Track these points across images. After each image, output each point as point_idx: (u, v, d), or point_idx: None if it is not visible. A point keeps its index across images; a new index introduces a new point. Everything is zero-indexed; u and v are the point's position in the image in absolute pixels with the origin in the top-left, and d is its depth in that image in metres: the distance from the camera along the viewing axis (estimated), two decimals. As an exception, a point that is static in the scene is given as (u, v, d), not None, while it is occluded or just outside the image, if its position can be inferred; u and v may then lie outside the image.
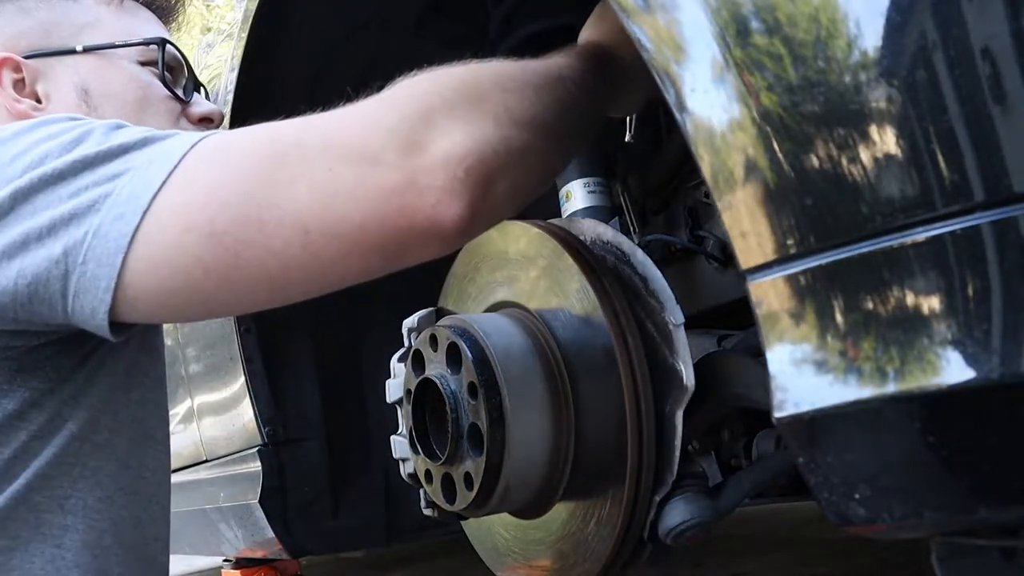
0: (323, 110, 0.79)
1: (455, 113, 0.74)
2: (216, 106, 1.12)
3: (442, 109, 0.74)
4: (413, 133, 0.72)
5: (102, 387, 0.91)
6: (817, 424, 0.60)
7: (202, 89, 1.15)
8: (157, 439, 1.00)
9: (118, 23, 1.06)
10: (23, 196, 0.76)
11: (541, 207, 1.60)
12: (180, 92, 1.08)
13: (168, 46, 1.07)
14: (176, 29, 1.18)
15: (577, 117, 0.83)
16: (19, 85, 1.00)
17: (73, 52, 1.02)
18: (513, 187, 0.76)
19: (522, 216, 1.00)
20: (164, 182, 0.74)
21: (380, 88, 0.78)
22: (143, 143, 0.78)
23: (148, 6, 1.11)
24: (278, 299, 0.79)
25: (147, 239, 0.74)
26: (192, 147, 0.76)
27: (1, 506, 0.84)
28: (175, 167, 0.75)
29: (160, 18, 1.13)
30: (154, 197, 0.74)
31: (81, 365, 0.89)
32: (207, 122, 1.09)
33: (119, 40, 1.04)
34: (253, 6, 1.33)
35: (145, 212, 0.74)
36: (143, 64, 1.06)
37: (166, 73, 1.06)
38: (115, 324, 0.78)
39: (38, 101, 1.01)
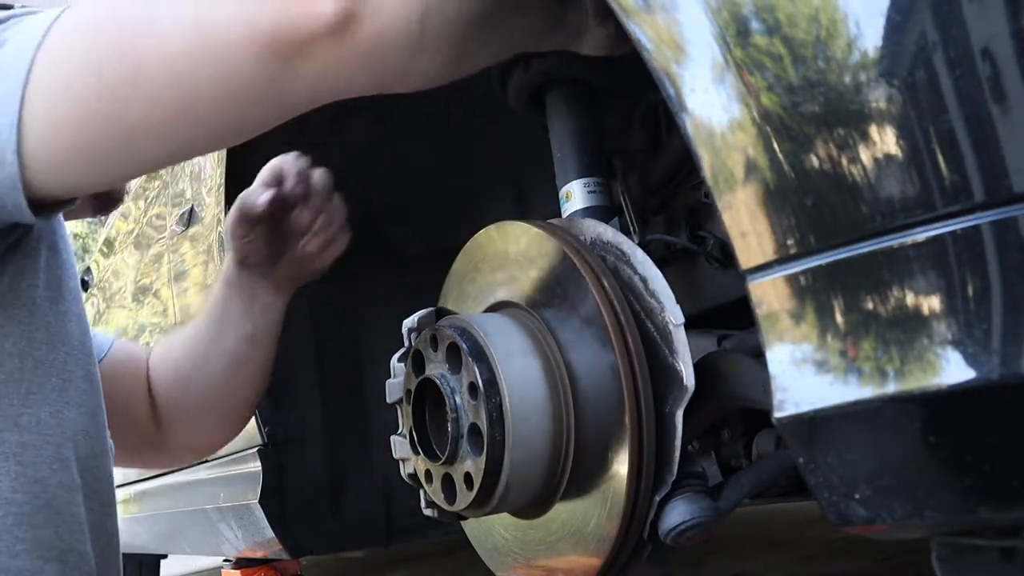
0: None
1: None
2: None
3: None
4: None
5: (26, 299, 0.91)
6: (817, 424, 0.60)
7: None
8: (87, 351, 1.01)
9: None
10: None
11: (541, 207, 1.60)
12: None
13: None
14: None
15: None
16: None
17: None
18: None
19: (522, 216, 1.00)
20: (40, 43, 0.77)
21: None
22: (6, 18, 0.81)
23: None
24: (202, 129, 0.80)
25: (38, 91, 0.76)
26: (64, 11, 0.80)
27: None
28: (48, 29, 0.78)
29: None
30: (36, 49, 0.76)
31: (1, 268, 0.89)
32: None
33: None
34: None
35: (30, 67, 0.76)
36: None
37: None
38: (36, 206, 0.80)
39: None
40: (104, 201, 1.24)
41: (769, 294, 0.62)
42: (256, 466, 1.64)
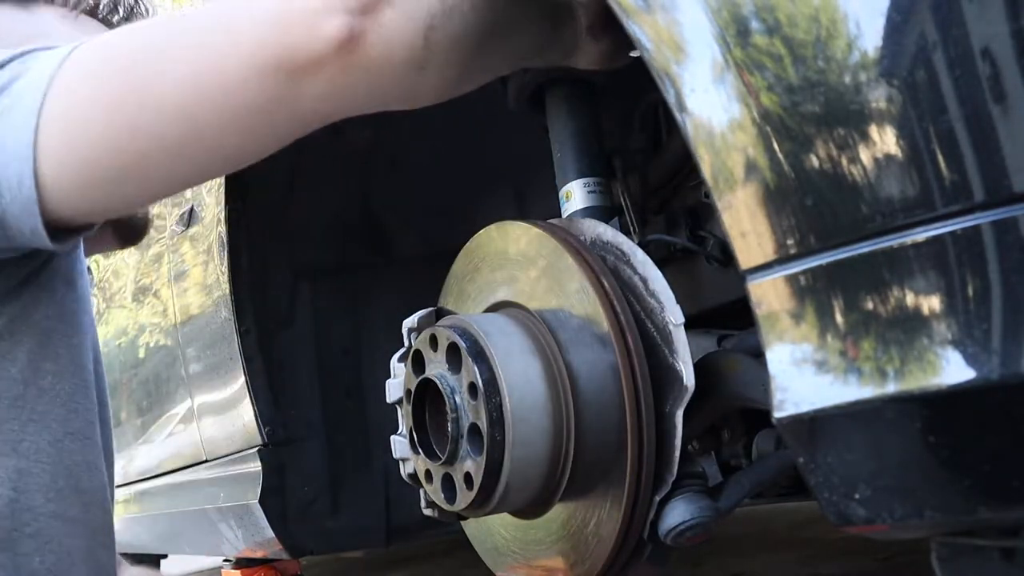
0: None
1: None
2: None
3: None
4: None
5: (38, 328, 0.92)
6: (817, 424, 0.60)
7: None
8: (93, 385, 1.01)
9: (70, 38, 1.05)
10: None
11: (541, 207, 1.60)
12: None
13: None
14: None
15: None
16: None
17: None
18: (407, 15, 0.79)
19: (522, 216, 1.00)
20: (54, 74, 0.78)
21: None
22: (21, 55, 0.82)
23: (106, 25, 1.11)
24: (217, 163, 0.84)
25: (52, 121, 0.78)
26: (74, 48, 0.81)
27: None
28: (63, 61, 0.79)
29: None
30: (51, 80, 0.78)
31: (16, 295, 0.90)
32: None
33: None
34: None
35: (44, 98, 0.78)
36: None
37: None
38: (57, 232, 0.81)
39: None
40: (127, 233, 1.25)
41: (769, 294, 0.62)
42: (256, 466, 1.64)
